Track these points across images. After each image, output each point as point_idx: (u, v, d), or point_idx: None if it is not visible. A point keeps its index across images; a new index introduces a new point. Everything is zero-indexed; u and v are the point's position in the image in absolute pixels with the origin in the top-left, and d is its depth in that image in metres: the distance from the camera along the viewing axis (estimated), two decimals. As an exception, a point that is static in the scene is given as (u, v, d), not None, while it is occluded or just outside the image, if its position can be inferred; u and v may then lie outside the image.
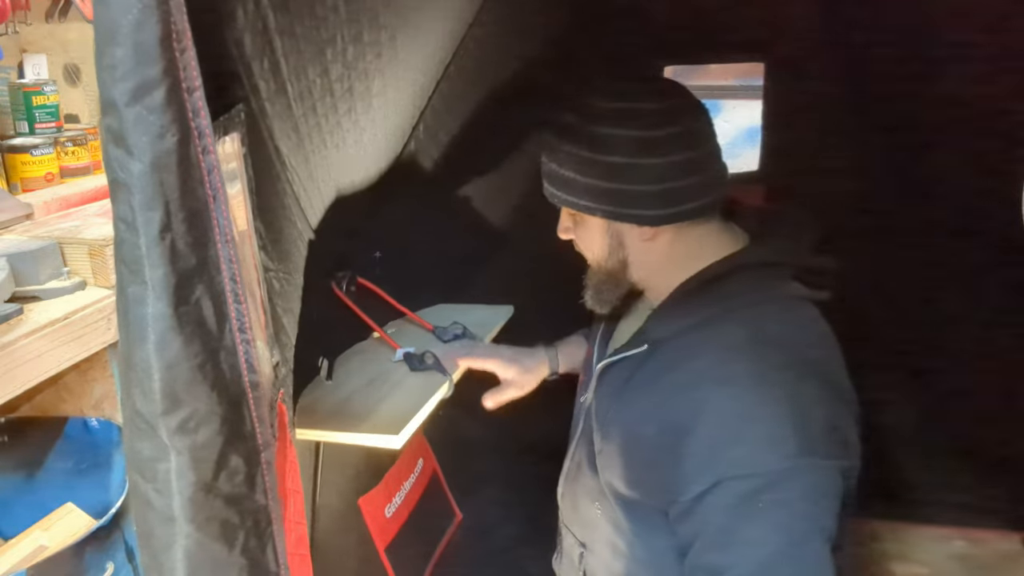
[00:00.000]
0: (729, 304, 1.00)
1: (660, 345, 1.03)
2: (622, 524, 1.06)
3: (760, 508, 0.89)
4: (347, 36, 0.95)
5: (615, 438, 1.05)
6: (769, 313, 0.99)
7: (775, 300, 1.01)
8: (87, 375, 1.17)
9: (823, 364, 0.98)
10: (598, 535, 1.11)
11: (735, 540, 0.90)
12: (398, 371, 1.23)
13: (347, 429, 1.07)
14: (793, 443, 0.89)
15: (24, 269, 1.06)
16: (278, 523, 0.67)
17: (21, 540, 1.05)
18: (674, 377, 0.99)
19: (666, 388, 1.00)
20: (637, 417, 1.03)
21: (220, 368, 0.60)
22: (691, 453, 0.93)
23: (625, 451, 1.03)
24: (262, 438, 0.64)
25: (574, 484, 1.17)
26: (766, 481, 0.89)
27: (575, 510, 1.17)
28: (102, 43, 0.52)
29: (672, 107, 1.00)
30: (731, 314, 0.99)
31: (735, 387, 0.93)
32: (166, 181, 0.54)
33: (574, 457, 1.19)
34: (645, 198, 0.99)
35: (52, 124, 1.49)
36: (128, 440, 0.62)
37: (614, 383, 1.08)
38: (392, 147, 1.33)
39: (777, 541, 0.88)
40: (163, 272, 0.56)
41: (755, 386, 0.93)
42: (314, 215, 1.07)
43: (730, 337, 0.97)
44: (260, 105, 0.82)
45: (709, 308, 1.00)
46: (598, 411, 1.10)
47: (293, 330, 0.98)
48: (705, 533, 0.93)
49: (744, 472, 0.90)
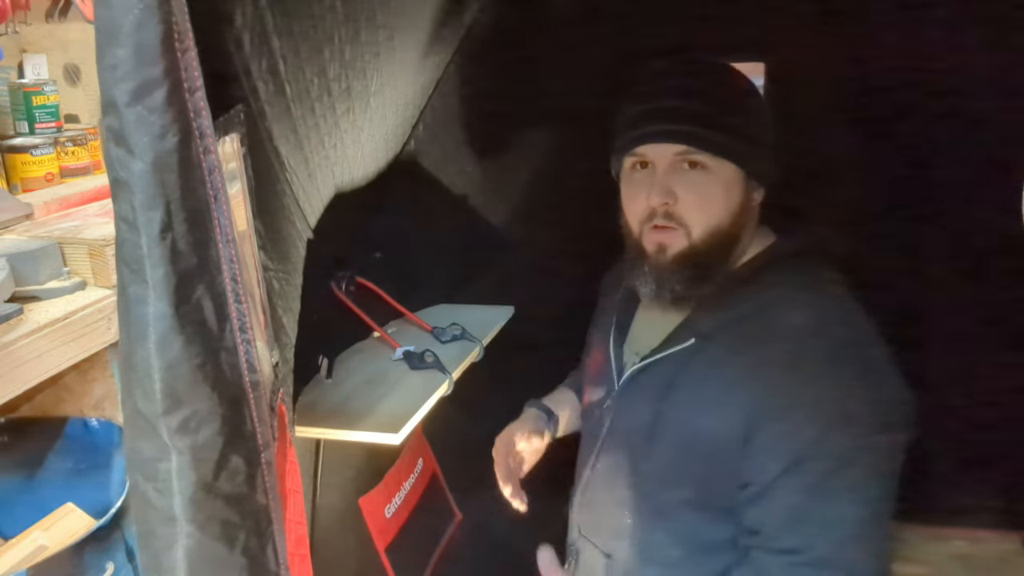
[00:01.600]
0: (780, 292, 1.00)
1: (710, 339, 1.00)
2: (658, 529, 1.04)
3: (835, 488, 0.89)
4: (344, 36, 0.95)
5: (670, 439, 1.02)
6: (815, 301, 0.99)
7: (818, 287, 1.01)
8: (87, 375, 1.17)
9: (876, 345, 0.97)
10: (627, 543, 1.08)
11: (810, 521, 0.90)
12: (398, 369, 1.23)
13: (347, 427, 1.07)
14: (866, 421, 0.90)
15: (24, 269, 1.06)
16: (278, 523, 0.67)
17: (21, 540, 1.05)
18: (735, 367, 0.97)
19: (728, 379, 0.97)
20: (697, 414, 1.00)
21: (221, 368, 0.60)
22: (764, 438, 0.93)
23: (686, 450, 1.00)
24: (262, 438, 0.65)
25: (598, 493, 1.14)
26: (841, 460, 0.89)
27: (599, 520, 1.14)
28: (103, 43, 0.52)
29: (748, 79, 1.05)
30: (785, 300, 0.99)
31: (803, 371, 0.93)
32: (167, 181, 0.54)
33: (595, 466, 1.14)
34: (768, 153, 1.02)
35: (52, 124, 1.49)
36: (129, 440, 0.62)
37: (654, 384, 1.04)
38: (391, 147, 1.33)
39: (852, 520, 0.89)
40: (164, 272, 0.56)
41: (824, 367, 0.92)
42: (313, 215, 1.07)
43: (790, 322, 0.97)
44: (259, 106, 0.82)
45: (759, 297, 1.00)
46: (636, 416, 1.06)
47: (293, 330, 0.98)
48: (778, 516, 0.92)
49: (819, 452, 0.90)
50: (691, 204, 0.99)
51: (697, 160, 0.99)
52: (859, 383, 0.92)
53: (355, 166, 1.18)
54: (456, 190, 1.54)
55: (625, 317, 1.17)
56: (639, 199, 1.03)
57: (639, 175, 1.04)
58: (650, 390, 1.05)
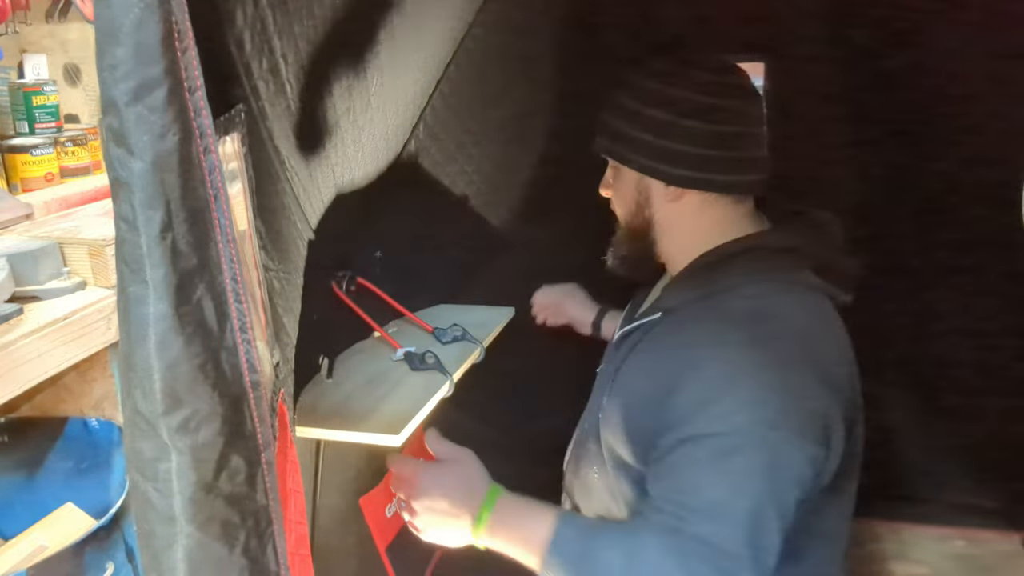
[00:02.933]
0: (739, 280, 1.03)
1: (669, 314, 1.07)
2: (616, 490, 1.08)
3: (727, 468, 0.90)
4: (345, 35, 0.95)
5: (617, 399, 1.08)
6: (776, 294, 1.01)
7: (787, 284, 1.03)
8: (87, 375, 1.17)
9: (822, 356, 0.98)
10: (594, 502, 1.13)
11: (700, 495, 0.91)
12: (398, 370, 1.23)
13: (347, 427, 1.07)
14: (771, 411, 0.91)
15: (24, 269, 1.06)
16: (279, 523, 0.67)
17: (21, 540, 1.05)
18: (674, 340, 1.03)
19: (665, 349, 1.04)
20: (637, 377, 1.06)
21: (221, 368, 0.60)
22: (675, 406, 0.95)
23: (624, 411, 1.05)
24: (263, 438, 0.65)
25: (579, 449, 1.19)
26: (737, 442, 0.90)
27: (576, 475, 1.19)
28: (103, 43, 0.52)
29: (729, 83, 1.06)
30: (739, 288, 1.02)
31: (726, 351, 0.95)
32: (167, 180, 0.54)
33: (583, 424, 1.21)
34: (678, 158, 1.04)
35: (52, 124, 1.49)
36: (129, 440, 0.62)
37: (625, 350, 1.12)
38: (392, 147, 1.33)
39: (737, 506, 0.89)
40: (164, 272, 0.56)
41: (746, 352, 0.94)
42: (314, 215, 1.07)
43: (733, 308, 1.00)
44: (259, 106, 0.82)
45: (720, 281, 1.04)
46: (605, 378, 1.15)
47: (293, 330, 0.98)
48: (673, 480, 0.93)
49: (719, 430, 0.91)
50: (614, 199, 1.17)
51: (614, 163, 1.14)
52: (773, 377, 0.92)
53: (355, 166, 1.18)
54: (456, 190, 1.54)
55: (645, 292, 1.26)
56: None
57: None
58: (621, 354, 1.12)
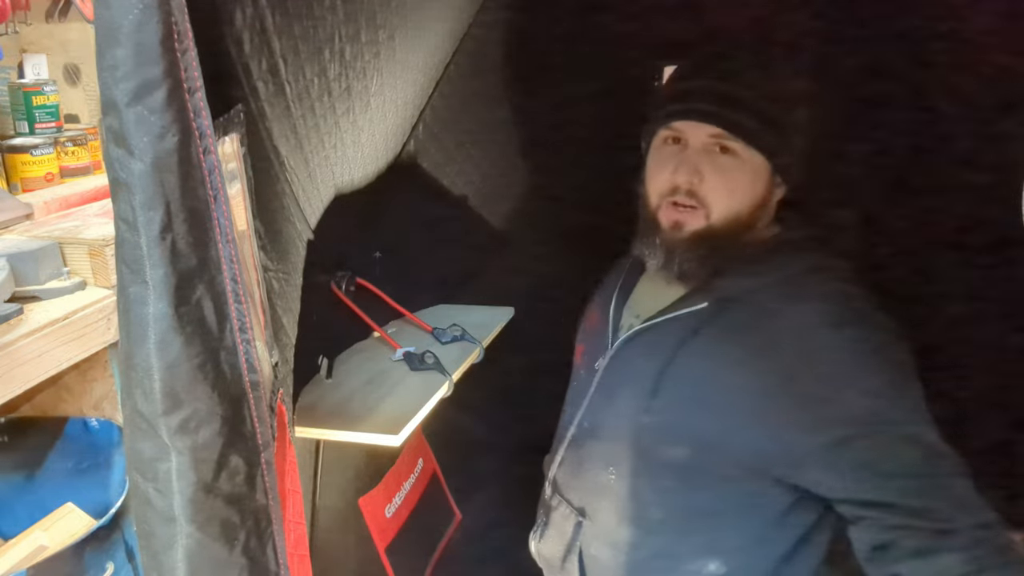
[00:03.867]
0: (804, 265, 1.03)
1: (731, 303, 1.02)
2: (643, 487, 1.04)
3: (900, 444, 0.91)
4: (344, 35, 0.95)
5: (679, 397, 1.02)
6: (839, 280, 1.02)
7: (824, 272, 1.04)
8: (87, 375, 1.17)
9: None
10: (606, 502, 1.08)
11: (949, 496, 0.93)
12: (398, 370, 1.23)
13: (347, 428, 1.07)
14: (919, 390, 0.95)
15: (24, 269, 1.06)
16: (278, 523, 0.67)
17: (21, 540, 1.05)
18: (771, 326, 0.98)
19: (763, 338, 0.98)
20: (718, 371, 1.00)
21: (221, 368, 0.60)
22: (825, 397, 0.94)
23: (700, 407, 1.01)
24: (262, 438, 0.65)
25: (580, 450, 1.14)
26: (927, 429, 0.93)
27: (576, 477, 1.14)
28: (103, 43, 0.52)
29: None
30: (815, 273, 1.02)
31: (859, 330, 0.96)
32: (167, 181, 0.54)
33: (582, 424, 1.15)
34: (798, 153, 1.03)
35: (52, 124, 1.49)
36: (129, 440, 0.62)
37: (661, 343, 1.05)
38: (391, 147, 1.33)
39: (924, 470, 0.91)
40: (164, 272, 0.56)
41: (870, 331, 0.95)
42: (313, 215, 1.07)
43: (828, 287, 1.00)
44: (259, 106, 0.82)
45: (784, 269, 1.02)
46: (636, 373, 1.07)
47: (293, 330, 0.98)
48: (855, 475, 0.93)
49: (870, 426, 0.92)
50: (716, 187, 1.01)
51: (729, 146, 1.01)
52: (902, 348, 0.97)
53: (355, 166, 1.18)
54: (456, 190, 1.54)
55: (629, 283, 1.19)
56: (664, 173, 1.05)
57: (669, 150, 1.06)
58: (656, 347, 1.06)
